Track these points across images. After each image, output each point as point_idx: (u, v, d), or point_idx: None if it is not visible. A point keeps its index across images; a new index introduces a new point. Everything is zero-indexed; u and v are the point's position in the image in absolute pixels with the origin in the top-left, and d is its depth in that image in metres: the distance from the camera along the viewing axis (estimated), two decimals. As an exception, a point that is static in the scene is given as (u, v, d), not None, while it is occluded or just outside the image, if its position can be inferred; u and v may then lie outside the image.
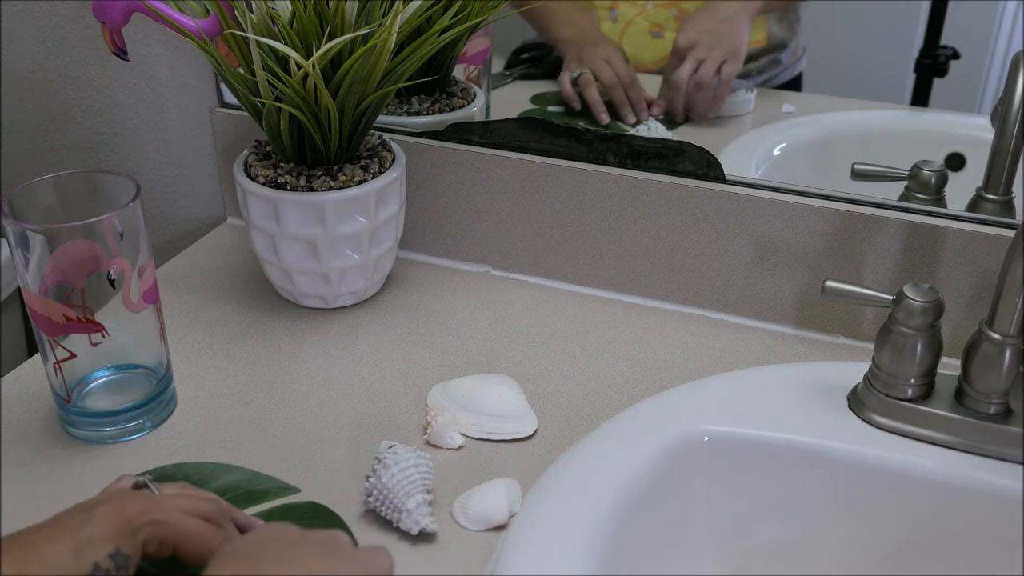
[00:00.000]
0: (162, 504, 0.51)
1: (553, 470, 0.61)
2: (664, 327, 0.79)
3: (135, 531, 0.48)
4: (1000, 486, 0.59)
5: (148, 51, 0.92)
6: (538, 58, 0.96)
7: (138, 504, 0.50)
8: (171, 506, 0.51)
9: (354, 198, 0.74)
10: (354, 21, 0.69)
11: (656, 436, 0.62)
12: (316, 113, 0.70)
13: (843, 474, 0.61)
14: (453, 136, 0.84)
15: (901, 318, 0.60)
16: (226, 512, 0.54)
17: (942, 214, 0.72)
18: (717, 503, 0.63)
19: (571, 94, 0.90)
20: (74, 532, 0.46)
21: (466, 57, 0.88)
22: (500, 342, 0.77)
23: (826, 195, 0.75)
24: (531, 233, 0.84)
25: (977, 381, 0.60)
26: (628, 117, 0.89)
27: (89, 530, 0.47)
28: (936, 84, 0.84)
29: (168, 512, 0.50)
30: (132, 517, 0.48)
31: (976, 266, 0.71)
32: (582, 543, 0.54)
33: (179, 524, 0.50)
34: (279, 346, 0.76)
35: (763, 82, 0.92)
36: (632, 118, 0.89)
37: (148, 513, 0.49)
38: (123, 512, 0.48)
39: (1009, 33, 0.80)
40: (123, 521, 0.48)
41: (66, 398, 0.65)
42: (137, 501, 0.50)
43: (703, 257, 0.79)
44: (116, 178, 0.64)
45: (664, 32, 0.90)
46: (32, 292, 0.61)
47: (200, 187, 0.97)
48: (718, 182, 0.78)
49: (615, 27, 0.91)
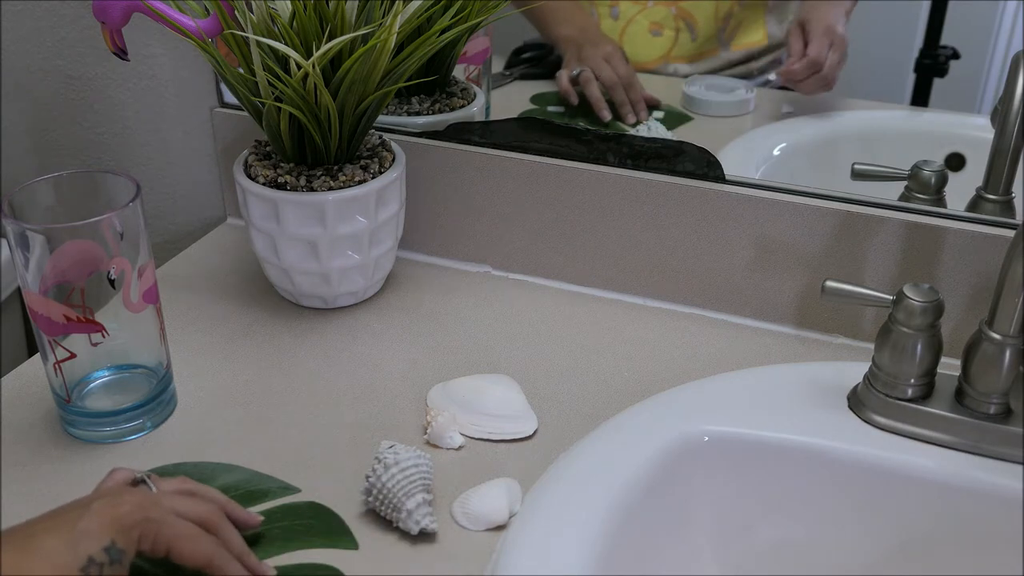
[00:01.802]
0: (159, 503, 0.51)
1: (553, 470, 0.61)
2: (664, 327, 0.79)
3: (130, 527, 0.48)
4: (1000, 486, 0.59)
5: (148, 51, 0.92)
6: (538, 58, 0.96)
7: (135, 500, 0.50)
8: (168, 506, 0.51)
9: (354, 198, 0.74)
10: (354, 21, 0.70)
11: (656, 436, 0.62)
12: (316, 113, 0.70)
13: (843, 474, 0.61)
14: (453, 136, 0.84)
15: (901, 318, 0.60)
16: (223, 513, 0.54)
17: (942, 214, 0.72)
18: (717, 503, 0.63)
19: (569, 90, 0.90)
20: (71, 525, 0.47)
21: (466, 57, 0.88)
22: (500, 342, 0.77)
23: (826, 195, 0.75)
24: (531, 233, 0.84)
25: (977, 381, 0.60)
26: (628, 117, 0.89)
27: (85, 523, 0.47)
28: (936, 84, 0.84)
29: (163, 513, 0.50)
30: (127, 513, 0.49)
31: (976, 266, 0.71)
32: (582, 543, 0.54)
33: (173, 526, 0.50)
34: (279, 346, 0.76)
35: (764, 82, 0.92)
36: (632, 118, 0.89)
37: (143, 510, 0.49)
38: (119, 508, 0.49)
39: (1009, 33, 0.80)
40: (118, 516, 0.48)
41: (66, 398, 0.65)
42: (134, 496, 0.50)
43: (703, 257, 0.79)
44: (116, 178, 0.64)
45: (663, 31, 0.90)
46: (32, 292, 0.61)
47: (200, 187, 0.97)
48: (718, 182, 0.78)
49: (616, 25, 0.91)
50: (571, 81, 0.90)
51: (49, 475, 0.63)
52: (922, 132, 0.86)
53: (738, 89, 0.89)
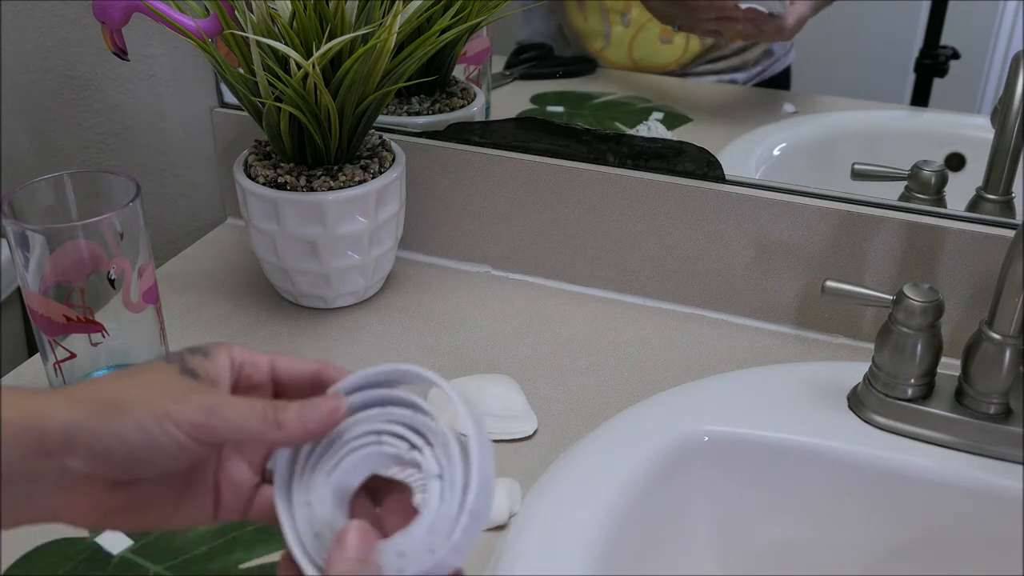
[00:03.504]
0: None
1: (553, 470, 0.61)
2: (664, 327, 0.79)
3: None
4: (1000, 486, 0.59)
5: (148, 51, 0.92)
6: (538, 58, 0.96)
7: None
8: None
9: (354, 198, 0.74)
10: (354, 21, 0.70)
11: (656, 436, 0.62)
12: (316, 113, 0.70)
13: (843, 474, 0.61)
14: (453, 136, 0.84)
15: (901, 318, 0.60)
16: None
17: (942, 214, 0.72)
18: (717, 503, 0.63)
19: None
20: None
21: (466, 57, 0.88)
22: (500, 342, 0.76)
23: (826, 195, 0.75)
24: (531, 233, 0.84)
25: (977, 381, 0.60)
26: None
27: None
28: (936, 84, 0.84)
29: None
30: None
31: (976, 266, 0.71)
32: (582, 543, 0.54)
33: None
34: (279, 346, 0.76)
35: (757, 74, 0.92)
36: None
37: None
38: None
39: (1009, 33, 0.80)
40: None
41: (66, 398, 0.65)
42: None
43: (703, 257, 0.79)
44: (116, 178, 0.64)
45: (673, 38, 0.91)
46: (32, 292, 0.61)
47: (200, 187, 0.97)
48: (718, 182, 0.78)
49: (627, 32, 0.92)
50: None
51: (49, 475, 0.63)
52: (922, 132, 0.86)
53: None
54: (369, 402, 0.41)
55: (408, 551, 0.37)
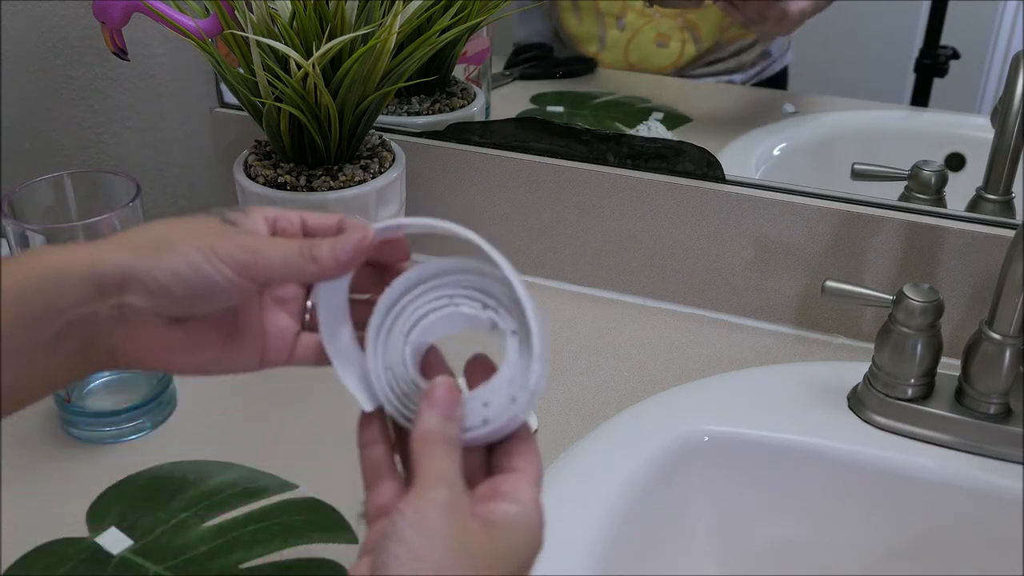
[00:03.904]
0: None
1: (553, 470, 0.61)
2: (664, 327, 0.79)
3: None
4: (1000, 486, 0.59)
5: (148, 51, 0.92)
6: (538, 58, 0.96)
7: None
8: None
9: (354, 198, 0.74)
10: (354, 21, 0.69)
11: (656, 436, 0.62)
12: (316, 113, 0.70)
13: (843, 474, 0.61)
14: (453, 136, 0.84)
15: (901, 318, 0.60)
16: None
17: (942, 214, 0.72)
18: (717, 503, 0.63)
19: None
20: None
21: (466, 57, 0.88)
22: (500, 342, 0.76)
23: (826, 195, 0.75)
24: (531, 233, 0.84)
25: (977, 381, 0.60)
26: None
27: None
28: (936, 84, 0.84)
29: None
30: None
31: (976, 266, 0.71)
32: (582, 543, 0.54)
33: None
34: (279, 346, 0.76)
35: (755, 75, 0.92)
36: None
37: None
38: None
39: (1009, 33, 0.80)
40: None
41: (66, 398, 0.65)
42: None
43: (703, 257, 0.79)
44: (116, 178, 0.64)
45: (669, 42, 0.91)
46: (32, 292, 0.61)
47: (200, 187, 0.97)
48: (718, 182, 0.78)
49: (622, 36, 0.91)
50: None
51: (49, 475, 0.63)
52: (922, 132, 0.86)
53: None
54: (434, 269, 0.46)
55: (492, 400, 0.42)
